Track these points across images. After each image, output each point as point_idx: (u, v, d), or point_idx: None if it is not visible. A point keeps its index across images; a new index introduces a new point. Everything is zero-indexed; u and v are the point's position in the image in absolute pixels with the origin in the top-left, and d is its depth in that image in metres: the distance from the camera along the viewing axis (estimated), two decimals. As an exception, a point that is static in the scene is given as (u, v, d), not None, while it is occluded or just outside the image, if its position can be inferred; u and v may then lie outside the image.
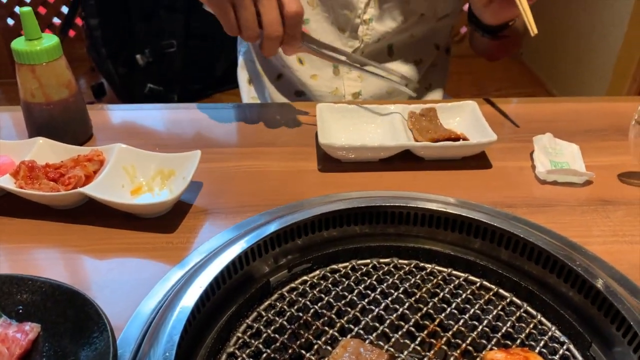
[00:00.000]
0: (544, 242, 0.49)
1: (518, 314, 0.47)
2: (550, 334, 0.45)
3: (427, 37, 0.74)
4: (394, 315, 0.46)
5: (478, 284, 0.51)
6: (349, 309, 0.47)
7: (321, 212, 0.52)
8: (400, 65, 0.89)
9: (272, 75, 0.96)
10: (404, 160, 0.64)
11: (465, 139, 0.66)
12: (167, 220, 0.55)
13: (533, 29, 0.66)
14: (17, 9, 2.61)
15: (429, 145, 0.64)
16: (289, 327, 0.45)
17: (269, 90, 0.96)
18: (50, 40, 0.64)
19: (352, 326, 0.46)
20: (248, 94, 1.03)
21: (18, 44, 0.63)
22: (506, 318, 0.47)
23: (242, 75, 1.04)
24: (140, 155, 0.60)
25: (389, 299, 0.48)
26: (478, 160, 0.65)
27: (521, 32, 0.87)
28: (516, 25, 0.78)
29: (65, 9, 2.59)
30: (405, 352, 0.43)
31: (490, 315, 0.46)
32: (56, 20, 2.65)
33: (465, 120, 0.70)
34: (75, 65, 0.74)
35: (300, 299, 0.48)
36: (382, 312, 0.47)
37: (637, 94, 1.81)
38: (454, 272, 0.52)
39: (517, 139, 0.70)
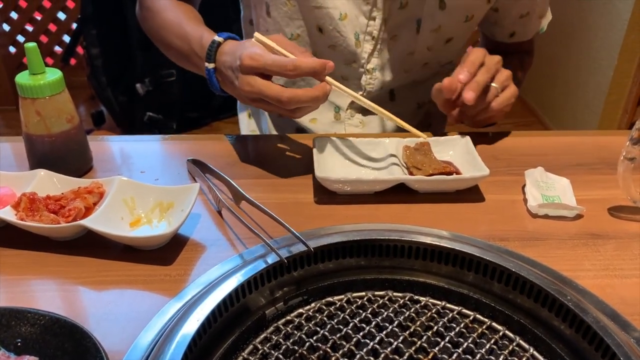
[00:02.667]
0: (535, 276, 0.50)
1: (511, 347, 0.48)
2: (542, 368, 0.46)
3: (429, 80, 0.76)
4: (389, 349, 0.46)
5: (471, 317, 0.51)
6: (344, 343, 0.48)
7: (317, 245, 0.53)
8: (402, 109, 0.89)
9: (273, 114, 0.97)
10: (398, 193, 0.66)
11: (458, 172, 0.68)
12: (165, 253, 0.56)
13: (422, 136, 0.69)
14: (19, 37, 2.65)
15: (423, 179, 0.65)
16: (284, 360, 0.46)
17: (269, 125, 0.97)
18: (53, 74, 0.65)
19: (347, 360, 0.46)
20: (248, 126, 1.04)
21: (22, 78, 0.65)
22: (499, 352, 0.47)
23: (242, 108, 1.06)
24: (140, 187, 0.61)
25: (384, 332, 0.49)
26: (471, 194, 0.67)
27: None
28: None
29: (66, 38, 2.64)
30: (400, 386, 0.44)
31: (484, 349, 0.47)
32: (57, 49, 2.69)
33: (458, 153, 0.72)
34: (75, 93, 0.76)
35: (295, 332, 0.49)
36: (377, 346, 0.47)
37: (629, 125, 1.84)
38: (448, 305, 0.53)
39: (510, 173, 0.71)
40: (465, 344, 0.47)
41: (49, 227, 0.55)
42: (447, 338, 0.48)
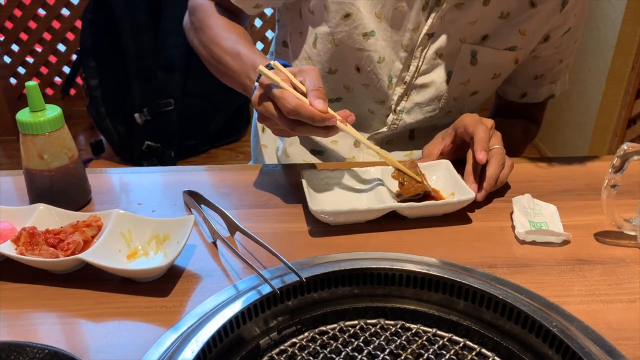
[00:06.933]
0: (522, 303, 0.51)
1: (500, 374, 0.49)
2: (530, 394, 0.47)
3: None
4: (380, 377, 0.47)
5: (461, 344, 0.52)
6: (337, 371, 0.49)
7: (310, 275, 0.55)
8: (419, 147, 0.91)
9: None
10: (388, 219, 0.67)
11: (440, 197, 0.70)
12: (162, 284, 0.58)
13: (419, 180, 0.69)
14: (19, 69, 2.69)
15: (413, 205, 0.67)
16: (278, 390, 0.47)
17: (285, 143, 0.97)
18: (53, 111, 0.67)
19: (339, 388, 0.47)
20: (259, 140, 1.04)
21: (22, 115, 0.67)
22: (488, 378, 0.48)
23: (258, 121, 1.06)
24: (137, 220, 0.62)
25: (375, 360, 0.50)
26: (458, 217, 0.69)
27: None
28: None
29: (66, 69, 2.68)
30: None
31: (473, 376, 0.48)
32: (57, 79, 2.73)
33: (442, 178, 0.74)
34: (75, 122, 0.78)
35: (289, 361, 0.50)
36: (369, 374, 0.48)
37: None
38: (439, 332, 0.54)
39: (498, 199, 0.73)
40: (455, 371, 0.48)
41: (48, 261, 0.57)
42: (437, 365, 0.49)
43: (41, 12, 2.57)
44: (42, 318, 0.54)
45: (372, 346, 0.52)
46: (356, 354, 0.51)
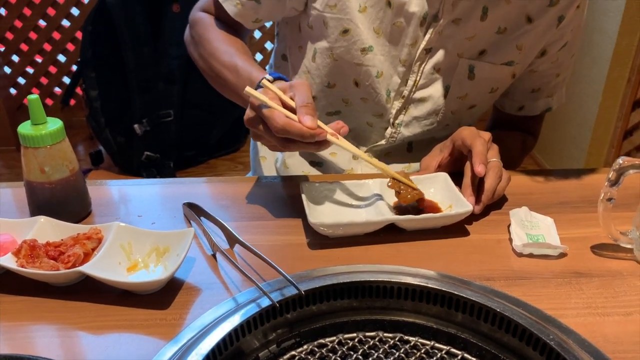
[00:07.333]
0: (520, 316, 0.52)
1: (497, 387, 0.49)
2: (528, 407, 0.47)
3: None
4: (378, 390, 0.48)
5: (459, 357, 0.53)
6: (335, 384, 0.49)
7: (309, 288, 0.55)
8: (417, 159, 0.92)
9: None
10: (387, 231, 0.68)
11: (438, 209, 0.71)
12: (162, 296, 0.58)
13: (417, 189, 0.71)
14: (19, 79, 2.70)
15: (412, 218, 0.67)
16: (277, 403, 0.47)
17: (284, 154, 0.97)
18: (54, 124, 0.68)
19: (338, 401, 0.47)
20: (258, 152, 1.04)
21: (24, 128, 0.67)
22: (486, 391, 0.49)
23: None
24: (137, 233, 0.63)
25: (374, 373, 0.50)
26: (456, 230, 0.69)
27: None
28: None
29: (66, 79, 2.69)
30: None
31: (471, 389, 0.48)
32: (57, 90, 2.74)
33: (439, 191, 0.74)
34: (74, 132, 0.78)
35: (288, 374, 0.50)
36: (367, 387, 0.49)
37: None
38: (437, 344, 0.55)
39: (495, 212, 0.74)
40: (453, 384, 0.49)
41: (49, 274, 0.57)
42: (436, 378, 0.49)
43: (42, 23, 2.59)
44: (42, 331, 0.54)
45: (370, 359, 0.52)
46: (355, 367, 0.51)
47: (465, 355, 0.53)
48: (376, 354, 0.52)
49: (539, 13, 0.83)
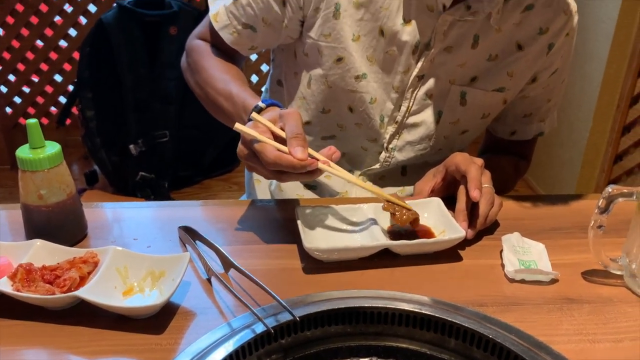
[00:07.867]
0: (512, 342, 0.53)
1: (490, 414, 0.50)
2: None
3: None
4: (372, 417, 0.48)
5: (453, 384, 0.53)
6: (329, 411, 0.49)
7: (304, 314, 0.55)
8: (410, 183, 0.94)
9: None
10: (381, 256, 0.68)
11: (431, 234, 0.72)
12: (156, 321, 0.58)
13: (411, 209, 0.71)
14: (15, 98, 2.71)
15: (405, 243, 0.68)
16: None
17: None
18: (52, 148, 0.69)
19: None
20: (252, 175, 1.05)
21: (22, 152, 0.68)
22: (479, 418, 0.49)
23: None
24: (133, 257, 0.63)
25: (368, 400, 0.50)
26: (449, 255, 0.70)
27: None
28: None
29: (62, 99, 2.71)
30: None
31: (464, 416, 0.49)
32: (53, 109, 2.75)
33: (433, 215, 0.75)
34: (69, 151, 0.79)
35: (282, 401, 0.50)
36: (361, 414, 0.49)
37: (606, 184, 1.89)
38: (430, 371, 0.55)
39: (488, 237, 0.75)
40: (446, 411, 0.49)
41: (44, 298, 0.57)
42: (429, 405, 0.50)
43: (39, 43, 2.60)
44: (37, 355, 0.54)
45: (364, 385, 0.52)
46: (349, 393, 0.51)
47: (459, 381, 0.53)
48: (370, 380, 0.53)
49: (529, 41, 0.85)
